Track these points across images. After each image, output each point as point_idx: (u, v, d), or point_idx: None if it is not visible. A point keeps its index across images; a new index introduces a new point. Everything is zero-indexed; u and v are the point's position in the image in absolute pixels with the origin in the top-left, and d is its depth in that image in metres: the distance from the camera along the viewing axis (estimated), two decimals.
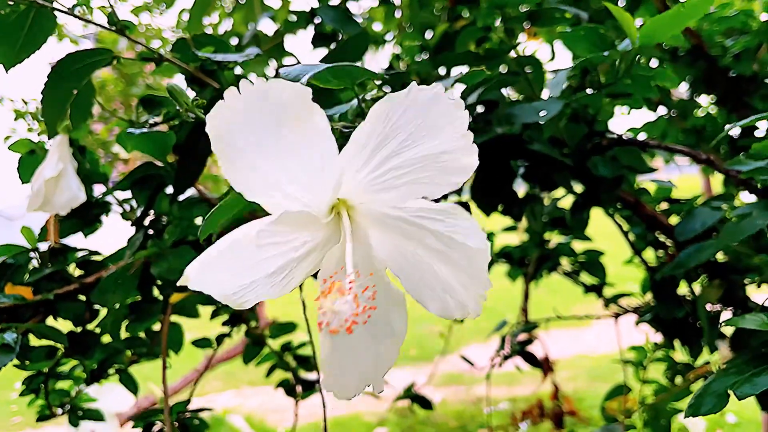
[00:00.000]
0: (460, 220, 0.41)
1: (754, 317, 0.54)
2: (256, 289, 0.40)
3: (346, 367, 0.44)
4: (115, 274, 0.76)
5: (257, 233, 0.39)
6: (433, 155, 0.39)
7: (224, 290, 0.39)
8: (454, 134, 0.38)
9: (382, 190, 0.40)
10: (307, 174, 0.39)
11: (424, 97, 0.37)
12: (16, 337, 0.69)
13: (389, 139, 0.38)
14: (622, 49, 0.70)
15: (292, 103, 0.37)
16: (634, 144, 0.95)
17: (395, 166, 0.39)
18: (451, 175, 0.39)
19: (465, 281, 0.42)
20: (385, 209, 0.42)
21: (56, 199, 0.77)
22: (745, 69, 1.40)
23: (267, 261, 0.40)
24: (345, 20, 1.05)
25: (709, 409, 0.51)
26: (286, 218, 0.40)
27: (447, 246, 0.41)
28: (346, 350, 0.44)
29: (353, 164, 0.40)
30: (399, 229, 0.42)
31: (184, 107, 0.48)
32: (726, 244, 0.73)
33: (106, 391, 1.07)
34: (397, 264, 0.43)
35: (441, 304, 0.43)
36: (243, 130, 0.37)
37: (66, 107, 0.68)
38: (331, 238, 0.43)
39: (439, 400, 3.42)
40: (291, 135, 0.37)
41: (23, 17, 0.63)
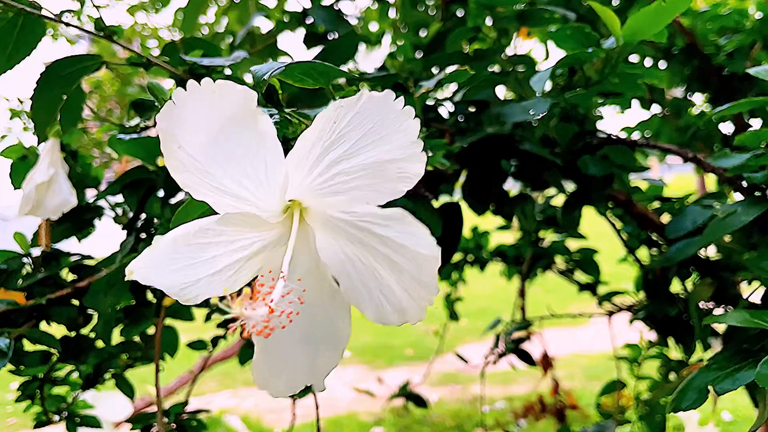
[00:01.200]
0: (408, 226, 0.41)
1: (736, 314, 0.55)
2: (202, 285, 0.40)
3: (276, 366, 0.44)
4: (108, 278, 0.76)
5: (198, 231, 0.39)
6: (379, 162, 0.39)
7: (170, 285, 0.39)
8: (402, 142, 0.38)
9: (328, 194, 0.40)
10: (253, 176, 0.39)
11: (373, 103, 0.37)
12: (9, 342, 0.69)
13: (336, 144, 0.38)
14: (607, 46, 0.71)
15: (237, 105, 0.37)
16: (624, 143, 0.95)
17: (342, 171, 0.39)
18: (397, 182, 0.39)
19: (410, 287, 0.42)
20: (334, 213, 0.42)
21: (47, 203, 0.77)
22: (738, 67, 1.41)
23: (212, 260, 0.40)
24: (336, 20, 1.05)
25: (690, 404, 0.52)
26: (229, 218, 0.40)
27: (394, 251, 0.41)
28: (275, 348, 0.44)
29: (300, 167, 0.40)
30: (346, 233, 0.42)
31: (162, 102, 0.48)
32: (712, 239, 0.73)
33: (104, 399, 1.07)
34: (338, 267, 0.43)
35: (376, 309, 0.43)
36: (189, 130, 0.37)
37: (56, 112, 0.68)
38: (282, 238, 0.43)
39: (436, 399, 3.43)
40: (236, 137, 0.38)
41: (12, 24, 0.63)
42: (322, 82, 0.48)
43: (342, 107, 0.38)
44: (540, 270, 1.49)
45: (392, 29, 1.59)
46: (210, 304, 0.97)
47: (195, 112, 0.37)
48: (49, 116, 0.67)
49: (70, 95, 0.67)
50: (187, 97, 0.36)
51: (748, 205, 0.67)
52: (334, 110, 0.38)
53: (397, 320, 0.43)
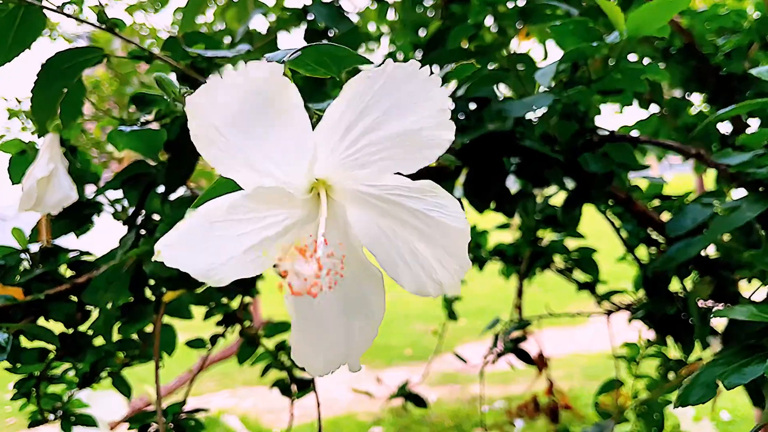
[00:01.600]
0: (440, 198, 0.41)
1: (742, 308, 0.55)
2: (231, 265, 0.39)
3: (314, 339, 0.44)
4: (107, 273, 0.76)
5: (229, 207, 0.39)
6: (408, 131, 0.38)
7: (199, 267, 0.38)
8: (430, 110, 0.38)
9: (357, 166, 0.40)
10: (281, 150, 0.39)
11: (400, 73, 0.37)
12: (7, 337, 0.69)
13: (364, 114, 0.38)
14: (611, 41, 0.71)
15: (264, 79, 0.36)
16: (624, 140, 0.95)
17: (370, 142, 0.39)
18: (426, 149, 0.39)
19: (443, 259, 0.42)
20: (362, 187, 0.41)
21: (48, 198, 0.76)
22: (736, 67, 1.41)
23: (242, 237, 0.40)
24: (337, 17, 1.05)
25: (698, 399, 0.51)
26: (260, 193, 0.39)
27: (425, 224, 0.41)
28: (314, 321, 0.43)
29: (328, 141, 0.39)
30: (376, 206, 0.42)
31: (172, 96, 0.48)
32: (716, 235, 0.73)
33: (99, 399, 1.07)
34: (372, 241, 0.43)
35: (415, 281, 0.43)
36: (221, 109, 0.37)
37: (56, 106, 0.67)
38: (310, 216, 0.42)
39: (435, 399, 3.42)
40: (265, 112, 0.37)
41: (12, 16, 0.63)
42: (334, 70, 0.48)
43: (369, 77, 0.37)
44: (539, 269, 1.49)
45: (391, 29, 1.59)
46: (212, 299, 0.96)
47: (225, 91, 0.36)
48: (49, 110, 0.67)
49: (71, 89, 0.67)
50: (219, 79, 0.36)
51: (752, 201, 0.67)
52: (362, 81, 0.37)
53: (435, 291, 0.43)
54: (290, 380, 1.11)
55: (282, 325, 1.11)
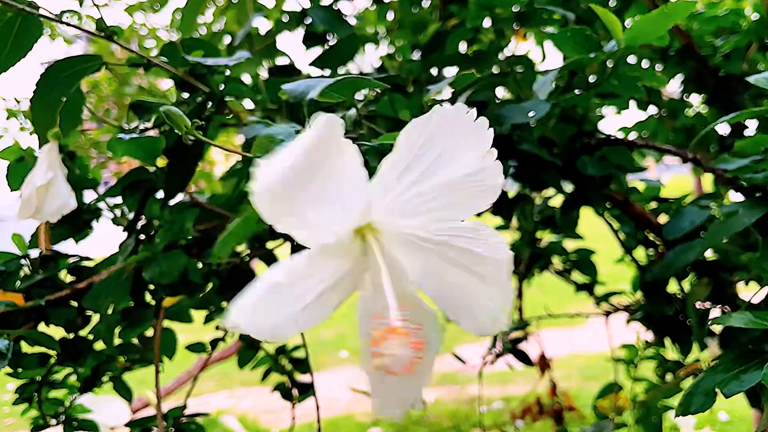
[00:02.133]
0: (483, 235, 0.41)
1: (740, 315, 0.55)
2: (292, 322, 0.40)
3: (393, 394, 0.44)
4: (108, 279, 0.76)
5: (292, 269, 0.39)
6: (458, 179, 0.38)
7: (266, 329, 0.39)
8: (478, 155, 0.38)
9: (409, 216, 0.40)
10: (338, 206, 0.38)
11: (447, 119, 0.37)
12: (8, 343, 0.69)
13: (414, 165, 0.38)
14: (608, 50, 0.71)
15: (326, 136, 0.36)
16: (622, 143, 0.95)
17: (421, 192, 0.39)
18: (478, 198, 0.39)
19: (493, 295, 0.42)
20: (411, 230, 0.42)
21: (47, 206, 0.76)
22: (735, 68, 1.41)
23: (302, 295, 0.40)
24: (335, 21, 1.05)
25: (698, 407, 0.52)
26: (319, 252, 0.39)
27: (475, 262, 0.41)
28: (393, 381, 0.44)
29: (380, 192, 0.39)
30: (426, 249, 0.42)
31: (184, 131, 0.48)
32: (714, 242, 0.74)
33: (102, 404, 1.07)
34: (430, 285, 0.43)
35: (476, 321, 0.43)
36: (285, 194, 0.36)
37: (56, 115, 0.67)
38: (359, 262, 0.42)
39: (433, 399, 3.43)
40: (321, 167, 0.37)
41: (9, 25, 0.63)
42: (347, 94, 0.48)
43: (417, 127, 0.37)
44: (537, 270, 1.49)
45: (389, 30, 1.59)
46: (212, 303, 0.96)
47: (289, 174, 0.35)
48: (49, 118, 0.67)
49: (70, 97, 0.67)
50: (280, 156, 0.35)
51: (749, 207, 0.68)
52: (411, 131, 0.37)
53: (492, 329, 0.43)
54: (291, 383, 1.11)
55: None
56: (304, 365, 1.12)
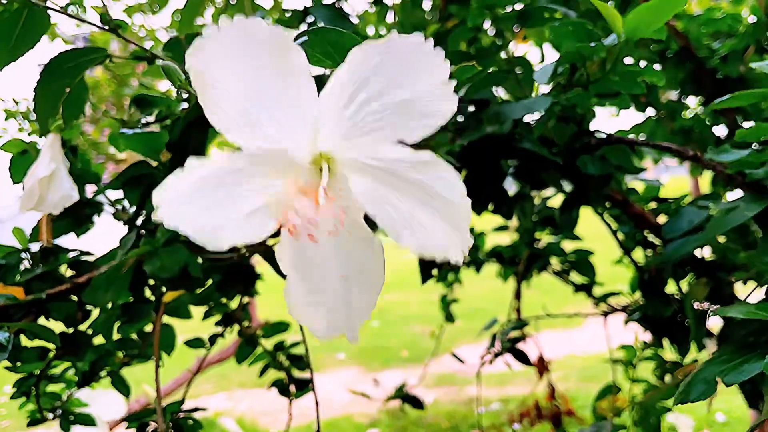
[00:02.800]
0: (438, 170, 0.41)
1: (741, 306, 0.55)
2: (231, 228, 0.39)
3: (314, 297, 0.44)
4: (108, 273, 0.76)
5: (231, 168, 0.39)
6: (410, 100, 0.38)
7: (199, 227, 0.38)
8: (433, 81, 0.38)
9: (360, 134, 0.40)
10: (286, 114, 0.39)
11: (404, 43, 0.37)
12: (8, 336, 0.69)
13: (368, 83, 0.38)
14: (609, 43, 0.71)
15: (270, 40, 0.36)
16: (622, 143, 0.96)
17: (373, 110, 0.39)
18: (428, 118, 0.39)
19: (446, 230, 0.42)
20: (364, 159, 0.42)
21: (49, 198, 0.77)
22: (732, 71, 1.42)
23: (243, 200, 0.40)
24: (338, 19, 1.05)
25: (698, 396, 0.52)
26: (262, 157, 0.39)
27: (427, 195, 0.41)
28: (314, 278, 0.44)
29: (331, 109, 0.39)
30: (379, 178, 0.42)
31: (177, 84, 0.49)
32: (713, 234, 0.74)
33: (98, 398, 1.07)
34: (375, 209, 0.43)
35: (418, 241, 0.43)
36: (222, 66, 0.37)
37: (58, 105, 0.68)
38: (311, 183, 0.42)
39: (431, 400, 3.43)
40: (271, 73, 0.37)
41: (16, 16, 0.64)
42: (339, 59, 0.48)
43: (373, 47, 0.37)
44: (536, 271, 1.49)
45: (389, 31, 1.60)
46: (211, 299, 0.96)
47: (228, 49, 0.36)
48: (52, 108, 0.67)
49: (73, 88, 0.67)
50: (219, 33, 0.36)
51: (749, 201, 0.68)
52: (366, 50, 0.37)
53: (440, 256, 0.42)
54: (288, 380, 1.12)
55: (280, 326, 1.12)
56: (302, 362, 1.12)
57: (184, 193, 0.38)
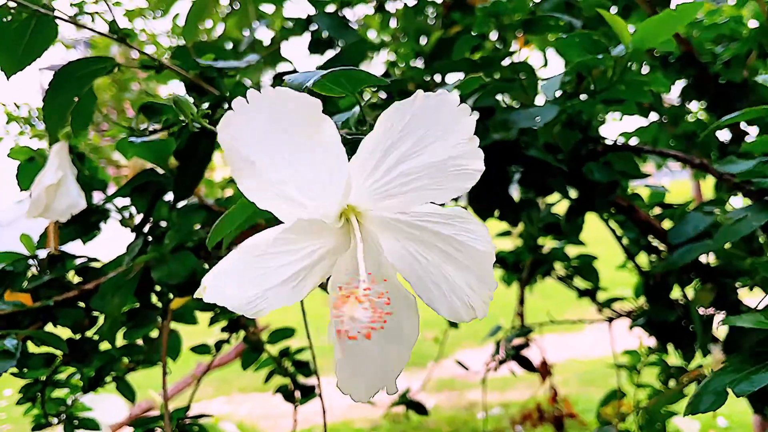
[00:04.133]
0: (468, 224, 0.42)
1: (749, 316, 0.55)
2: (269, 297, 0.40)
3: (359, 369, 0.45)
4: (115, 279, 0.76)
5: (273, 241, 0.39)
6: (439, 161, 0.39)
7: (239, 301, 0.39)
8: (460, 140, 0.39)
9: (389, 196, 0.41)
10: (318, 182, 0.39)
11: (429, 103, 0.38)
12: (16, 343, 0.69)
13: (396, 146, 0.39)
14: (616, 54, 0.72)
15: (302, 112, 0.37)
16: (628, 149, 0.96)
17: (402, 172, 0.40)
18: (458, 181, 0.40)
19: (473, 283, 0.43)
20: (394, 214, 0.42)
21: (56, 205, 0.77)
22: (735, 76, 1.42)
23: (280, 269, 0.40)
24: (341, 27, 1.05)
25: (708, 407, 0.52)
26: (299, 226, 0.40)
27: (455, 249, 0.42)
28: (359, 354, 0.44)
29: (362, 172, 0.40)
30: (408, 233, 0.43)
31: (190, 118, 0.49)
32: (722, 244, 0.74)
33: (100, 401, 1.07)
34: (406, 268, 0.44)
35: (450, 306, 0.44)
36: (254, 139, 0.37)
37: (67, 114, 0.68)
38: (341, 244, 0.43)
39: (432, 405, 3.42)
40: (301, 144, 0.38)
41: (24, 25, 0.64)
42: (349, 90, 0.49)
43: (399, 110, 0.38)
44: (540, 276, 1.49)
45: (392, 37, 1.60)
46: (216, 306, 0.96)
47: (258, 121, 0.37)
48: (61, 118, 0.68)
49: (82, 97, 0.67)
50: (247, 107, 0.36)
51: (757, 211, 0.68)
52: (393, 113, 0.38)
53: (468, 316, 0.44)
54: (293, 386, 1.11)
55: (285, 331, 1.12)
56: (307, 368, 1.12)
57: (224, 271, 0.39)
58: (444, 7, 1.35)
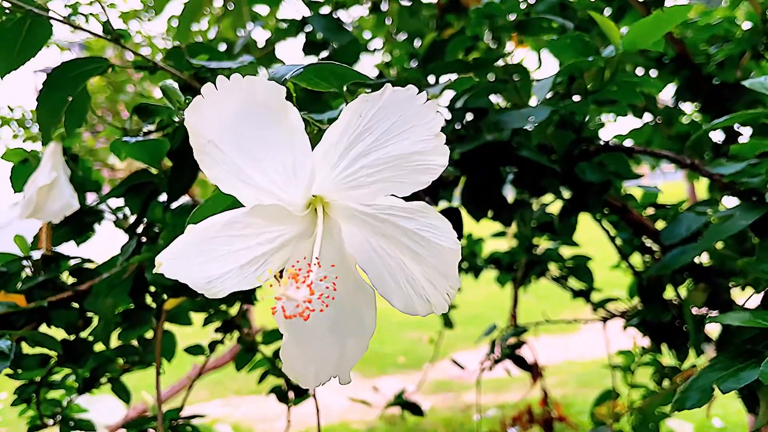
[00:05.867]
0: (431, 219, 0.42)
1: (738, 314, 0.56)
2: (229, 279, 0.41)
3: (308, 356, 0.45)
4: (109, 279, 0.76)
5: (227, 223, 0.40)
6: (404, 155, 0.39)
7: (197, 279, 0.40)
8: (426, 135, 0.39)
9: (353, 187, 0.41)
10: (281, 169, 0.40)
11: (397, 97, 0.38)
12: (10, 344, 0.69)
13: (362, 137, 0.39)
14: (607, 55, 0.72)
15: (266, 99, 0.38)
16: (620, 150, 0.96)
17: (367, 164, 0.40)
18: (421, 174, 0.40)
19: (434, 278, 0.43)
20: (357, 206, 0.43)
21: (49, 206, 0.77)
22: (728, 76, 1.43)
23: (239, 252, 0.41)
24: (336, 29, 1.06)
25: (694, 403, 0.52)
26: (258, 210, 0.40)
27: (417, 243, 0.42)
28: (306, 337, 0.45)
29: (326, 161, 0.40)
30: (370, 225, 0.43)
31: (176, 106, 0.49)
32: (710, 243, 0.75)
33: (97, 403, 1.07)
34: (365, 258, 0.44)
35: (404, 299, 0.44)
36: (219, 124, 0.38)
37: (61, 114, 0.68)
38: (306, 232, 0.44)
39: (428, 407, 3.42)
40: (266, 131, 0.38)
41: (19, 25, 0.64)
42: (336, 85, 0.49)
43: (367, 101, 0.38)
44: (534, 277, 1.50)
45: (386, 38, 1.60)
46: (210, 306, 0.96)
47: (225, 106, 0.37)
48: (54, 118, 0.68)
49: (76, 97, 0.67)
50: (216, 93, 0.37)
51: (745, 210, 0.69)
52: (360, 104, 0.38)
53: (424, 311, 0.44)
54: (287, 387, 1.11)
55: (279, 333, 1.11)
56: None
57: (182, 249, 0.40)
58: (438, 8, 1.36)
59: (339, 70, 0.48)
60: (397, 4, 1.42)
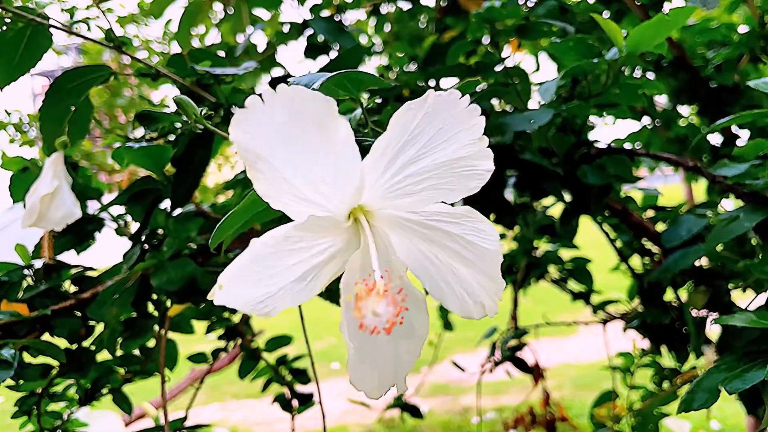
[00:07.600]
0: (477, 223, 0.42)
1: (742, 315, 0.56)
2: (282, 296, 0.40)
3: (373, 366, 0.45)
4: (113, 287, 0.76)
5: (285, 237, 0.39)
6: (450, 161, 0.39)
7: (250, 301, 0.39)
8: (470, 139, 0.39)
9: (401, 196, 0.41)
10: (332, 181, 0.39)
11: (442, 102, 0.38)
12: (14, 353, 0.68)
13: (408, 146, 0.39)
14: (610, 57, 0.72)
15: (316, 111, 0.37)
16: (621, 153, 0.96)
17: (414, 172, 0.40)
18: (468, 180, 0.40)
19: (482, 281, 0.43)
20: (404, 213, 0.42)
21: (51, 215, 0.76)
22: (726, 80, 1.43)
23: (293, 267, 0.40)
24: (338, 32, 1.05)
25: (701, 404, 0.53)
26: (311, 223, 0.40)
27: (465, 248, 0.42)
28: (373, 351, 0.44)
29: (374, 171, 0.40)
30: (418, 232, 0.43)
31: (193, 119, 0.48)
32: (714, 245, 0.75)
33: (97, 418, 1.06)
34: (418, 266, 0.44)
35: (461, 304, 0.44)
36: (269, 139, 0.37)
37: (64, 124, 0.68)
38: (351, 242, 0.43)
39: (426, 410, 3.42)
40: (317, 143, 0.38)
41: (20, 35, 0.63)
42: (353, 92, 0.49)
43: (411, 109, 0.38)
44: (534, 279, 1.50)
45: (385, 42, 1.60)
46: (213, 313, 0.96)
47: (273, 119, 0.36)
48: (57, 127, 0.67)
49: (79, 106, 0.67)
50: (263, 106, 0.36)
51: (750, 212, 0.69)
52: (404, 113, 0.38)
53: (478, 314, 0.44)
54: (291, 394, 1.11)
55: (282, 339, 1.11)
56: (304, 376, 1.12)
57: (239, 269, 0.39)
58: (438, 12, 1.36)
59: (358, 77, 0.47)
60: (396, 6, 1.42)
